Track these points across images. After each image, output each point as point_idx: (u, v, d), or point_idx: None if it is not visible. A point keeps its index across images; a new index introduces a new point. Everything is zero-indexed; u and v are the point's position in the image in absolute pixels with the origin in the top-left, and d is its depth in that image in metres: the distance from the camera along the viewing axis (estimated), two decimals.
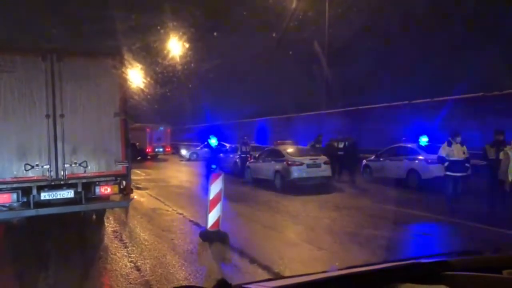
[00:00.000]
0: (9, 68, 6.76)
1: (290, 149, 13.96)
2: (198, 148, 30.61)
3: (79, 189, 7.28)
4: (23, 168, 6.85)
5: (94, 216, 8.91)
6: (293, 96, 29.65)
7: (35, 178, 6.96)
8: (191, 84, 37.23)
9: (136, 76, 40.70)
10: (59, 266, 5.90)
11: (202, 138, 34.24)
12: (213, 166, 14.58)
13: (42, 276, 5.42)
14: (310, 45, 24.56)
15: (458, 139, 9.27)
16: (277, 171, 13.50)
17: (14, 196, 6.81)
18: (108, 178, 7.50)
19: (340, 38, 21.92)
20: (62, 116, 7.07)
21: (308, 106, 27.67)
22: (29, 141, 6.94)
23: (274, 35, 28.00)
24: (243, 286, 1.23)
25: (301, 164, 12.98)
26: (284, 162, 13.21)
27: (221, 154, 21.55)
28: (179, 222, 8.88)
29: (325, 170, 13.22)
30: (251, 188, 13.87)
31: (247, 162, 16.09)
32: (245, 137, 18.34)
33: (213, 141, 30.59)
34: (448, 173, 9.26)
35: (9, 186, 6.83)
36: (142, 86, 41.14)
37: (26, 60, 6.95)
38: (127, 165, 7.70)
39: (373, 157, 15.02)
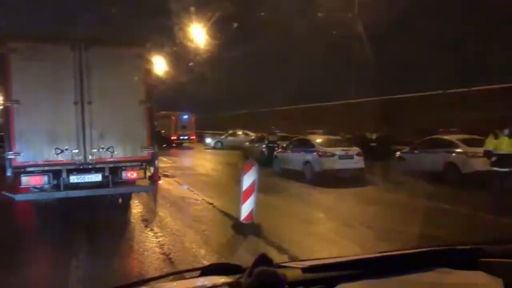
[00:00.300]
0: (40, 57, 7.05)
1: (320, 139, 13.50)
2: (223, 136, 30.44)
3: (106, 173, 7.52)
4: (54, 152, 7.12)
5: (120, 200, 9.00)
6: (325, 84, 28.67)
7: (65, 161, 7.23)
8: (218, 72, 36.82)
9: (162, 64, 40.88)
10: (88, 251, 5.92)
11: (227, 126, 34.22)
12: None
13: (72, 254, 5.54)
14: (345, 31, 23.54)
15: (506, 131, 8.63)
16: (306, 162, 13.08)
17: (45, 178, 7.14)
18: (134, 163, 7.72)
19: (376, 25, 20.87)
20: (89, 103, 7.30)
21: (340, 94, 26.80)
22: (59, 127, 7.22)
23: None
24: (281, 264, 1.23)
25: (333, 155, 12.52)
26: (315, 153, 12.77)
27: (247, 144, 21.28)
28: (210, 212, 8.61)
29: (358, 162, 12.73)
30: (280, 179, 13.49)
31: (275, 152, 15.69)
32: (273, 126, 17.94)
33: (238, 130, 30.80)
34: (495, 168, 8.65)
35: (40, 169, 7.13)
36: (167, 73, 41.25)
37: (56, 50, 7.27)
38: (153, 151, 7.89)
39: (407, 149, 14.44)
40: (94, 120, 7.35)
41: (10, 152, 6.94)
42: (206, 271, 1.25)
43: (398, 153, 14.67)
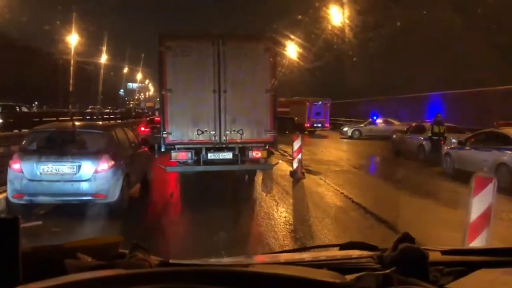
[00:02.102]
0: (188, 52, 8.20)
1: None
2: (362, 125, 27.32)
3: (236, 152, 8.61)
4: (196, 133, 8.36)
5: (246, 176, 10.16)
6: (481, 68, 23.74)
7: (204, 141, 8.43)
8: (354, 57, 33.68)
9: (294, 50, 39.07)
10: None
11: (366, 114, 30.93)
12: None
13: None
14: None
15: None
16: (501, 164, 9.61)
17: (189, 154, 8.46)
18: (259, 144, 8.68)
19: None
20: (225, 91, 8.32)
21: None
22: (201, 112, 8.40)
23: None
24: (423, 248, 1.09)
25: None
26: None
27: (398, 134, 18.01)
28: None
29: None
30: (456, 184, 10.23)
31: (446, 148, 12.34)
32: (439, 114, 14.38)
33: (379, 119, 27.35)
34: None
35: (186, 146, 8.47)
36: (301, 59, 39.37)
37: (199, 45, 8.36)
38: (274, 134, 8.74)
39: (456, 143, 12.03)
40: (228, 106, 8.36)
41: (164, 132, 8.32)
42: (345, 247, 1.28)
43: (445, 148, 12.02)
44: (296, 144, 10.90)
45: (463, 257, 1.17)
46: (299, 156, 10.85)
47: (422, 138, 15.08)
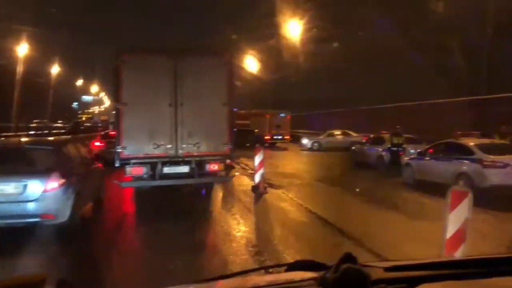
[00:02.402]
0: (144, 66, 8.18)
1: (482, 144, 9.93)
2: (321, 137, 27.44)
3: (193, 165, 8.59)
4: (152, 147, 8.26)
5: (204, 190, 10.07)
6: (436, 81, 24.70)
7: (160, 155, 8.35)
8: (313, 70, 34.02)
9: (253, 64, 39.05)
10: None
11: (324, 126, 31.14)
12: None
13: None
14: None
15: None
16: (461, 174, 9.67)
17: (145, 169, 8.38)
18: (216, 157, 8.74)
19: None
20: (181, 105, 8.32)
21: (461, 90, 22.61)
22: (157, 125, 8.30)
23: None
24: (365, 264, 1.21)
25: (505, 166, 8.98)
26: (476, 163, 9.31)
27: (357, 146, 18.10)
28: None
29: None
30: (418, 194, 10.22)
31: (406, 159, 12.38)
32: (398, 126, 14.47)
33: (338, 130, 27.59)
34: None
35: (141, 161, 8.35)
36: (262, 72, 39.38)
37: (156, 60, 8.36)
38: (231, 147, 8.84)
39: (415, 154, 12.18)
40: (184, 119, 8.36)
41: (118, 147, 8.17)
42: (292, 267, 1.30)
43: (405, 159, 12.21)
44: (258, 158, 10.51)
45: (405, 273, 1.18)
46: (261, 170, 10.45)
47: (381, 149, 15.16)
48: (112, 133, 13.76)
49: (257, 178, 10.43)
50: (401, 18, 24.66)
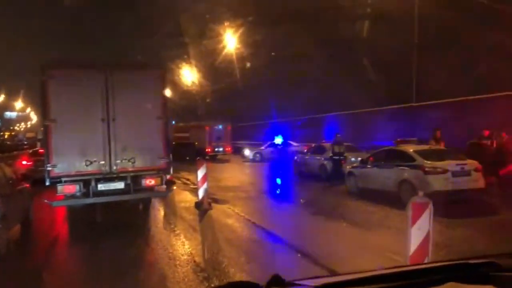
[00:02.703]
0: (73, 81, 7.95)
1: (422, 150, 10.17)
2: (262, 147, 27.37)
3: (128, 181, 8.37)
4: (84, 163, 7.97)
5: (141, 206, 9.80)
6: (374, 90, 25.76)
7: (93, 172, 8.07)
8: (251, 80, 34.10)
9: (191, 75, 38.41)
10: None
11: (265, 137, 31.18)
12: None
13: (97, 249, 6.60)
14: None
15: None
16: (404, 181, 9.81)
17: (77, 187, 8.02)
18: (152, 172, 8.53)
19: None
20: (114, 120, 8.10)
21: (393, 99, 23.66)
22: (89, 142, 8.05)
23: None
24: (295, 282, 1.25)
25: (445, 171, 9.22)
26: (418, 169, 9.48)
27: (296, 157, 18.13)
28: None
29: (476, 180, 9.39)
30: (363, 203, 10.23)
31: (349, 167, 12.46)
32: (338, 135, 14.60)
33: (279, 140, 27.69)
34: None
35: (73, 178, 8.00)
36: (199, 83, 38.80)
37: (87, 75, 8.11)
38: (168, 160, 8.79)
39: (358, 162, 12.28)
40: (118, 134, 8.15)
41: (48, 165, 7.82)
42: None
43: (348, 167, 12.31)
44: (201, 172, 9.98)
45: None
46: (205, 185, 9.94)
47: (323, 158, 15.24)
48: (41, 151, 13.40)
49: (201, 193, 9.91)
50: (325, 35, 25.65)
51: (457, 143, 11.96)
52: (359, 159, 15.01)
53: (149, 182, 8.50)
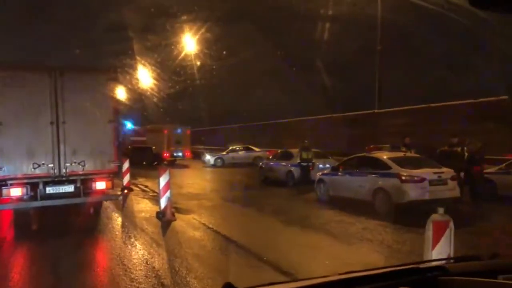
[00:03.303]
0: (20, 83, 7.82)
1: (397, 158, 9.83)
2: (224, 152, 26.54)
3: (78, 184, 8.32)
4: (32, 166, 7.91)
5: (92, 209, 9.45)
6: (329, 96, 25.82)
7: (41, 174, 8.02)
8: (208, 83, 33.24)
9: (147, 77, 36.95)
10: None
11: (228, 141, 30.37)
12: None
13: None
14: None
15: None
16: (378, 189, 9.43)
17: (24, 190, 7.96)
18: (102, 175, 8.51)
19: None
20: (64, 123, 8.07)
21: (353, 105, 23.75)
22: (37, 144, 7.97)
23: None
24: None
25: (422, 180, 8.90)
26: (394, 177, 9.12)
27: (262, 163, 17.54)
28: None
29: (453, 189, 9.16)
30: (338, 212, 9.70)
31: (319, 174, 11.97)
32: (306, 141, 14.13)
33: (239, 145, 26.97)
34: None
35: (20, 181, 7.92)
36: (156, 86, 37.35)
37: (35, 76, 8.03)
38: (119, 164, 8.97)
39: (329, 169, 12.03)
40: (67, 137, 8.10)
41: None
42: None
43: (318, 175, 11.86)
44: (164, 179, 9.11)
45: None
46: (168, 193, 9.07)
47: (290, 165, 14.73)
48: None
49: (163, 202, 9.03)
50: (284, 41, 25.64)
51: (423, 150, 11.82)
52: (327, 165, 14.75)
53: (100, 185, 8.51)
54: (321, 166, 14.34)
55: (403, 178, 8.98)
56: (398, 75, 21.38)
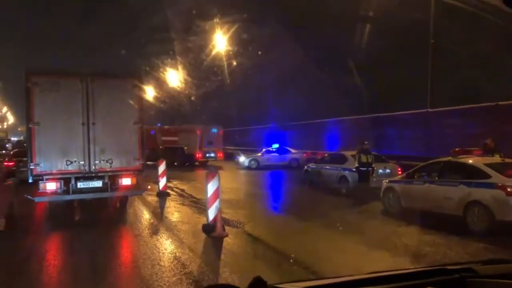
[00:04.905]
0: (55, 88, 8.75)
1: (496, 164, 8.02)
2: (259, 154, 25.01)
3: (106, 180, 9.27)
4: (65, 163, 8.83)
5: (118, 204, 10.33)
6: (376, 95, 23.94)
7: (73, 171, 8.94)
8: (238, 81, 31.90)
9: (177, 77, 35.88)
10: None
11: (261, 142, 28.93)
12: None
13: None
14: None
15: None
16: (473, 203, 7.65)
17: (58, 184, 8.90)
18: (128, 172, 9.43)
19: None
20: (94, 124, 8.99)
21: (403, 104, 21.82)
22: (70, 143, 8.93)
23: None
24: (275, 286, 1.24)
25: None
26: (496, 188, 7.34)
27: (308, 166, 15.86)
28: None
29: None
30: (419, 230, 7.93)
31: (386, 182, 10.23)
32: (366, 142, 12.35)
33: (276, 147, 25.44)
34: None
35: (54, 176, 8.83)
36: (193, 85, 36.25)
37: (68, 82, 8.98)
38: (143, 162, 9.62)
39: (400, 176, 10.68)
40: (97, 137, 9.01)
41: (31, 163, 8.67)
42: None
43: (385, 182, 10.23)
44: (212, 186, 7.70)
45: None
46: (217, 203, 7.62)
47: (343, 169, 13.06)
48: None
49: (212, 213, 7.59)
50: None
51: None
52: (387, 170, 13.01)
53: (126, 181, 9.35)
54: (380, 171, 12.62)
55: (509, 190, 7.19)
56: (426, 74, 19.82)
